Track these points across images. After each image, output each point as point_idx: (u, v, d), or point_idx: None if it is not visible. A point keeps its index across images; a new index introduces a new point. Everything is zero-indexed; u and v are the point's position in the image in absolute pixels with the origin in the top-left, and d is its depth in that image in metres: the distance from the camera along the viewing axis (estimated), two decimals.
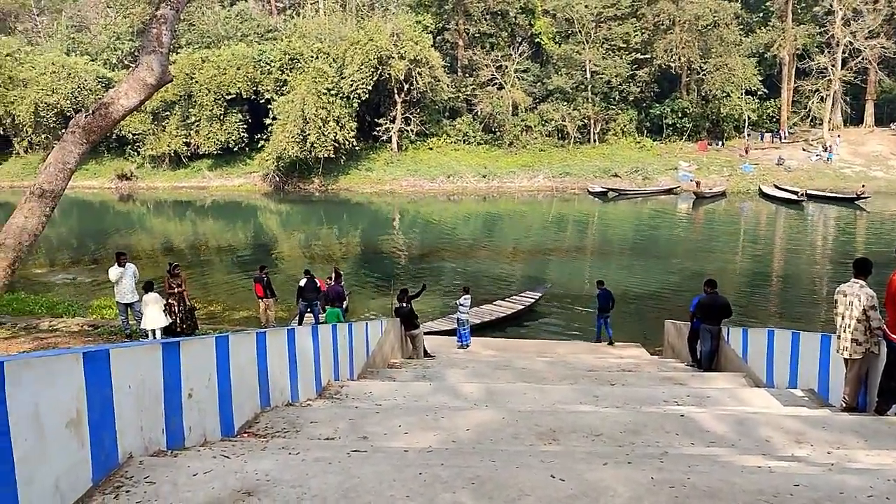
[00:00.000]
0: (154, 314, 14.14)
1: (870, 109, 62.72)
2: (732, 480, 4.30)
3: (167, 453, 4.90)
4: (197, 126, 60.19)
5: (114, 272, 14.68)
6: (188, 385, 5.38)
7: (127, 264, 14.78)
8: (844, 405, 7.84)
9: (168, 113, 61.52)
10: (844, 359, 7.80)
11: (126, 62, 68.85)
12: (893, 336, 7.15)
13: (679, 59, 59.15)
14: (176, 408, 5.19)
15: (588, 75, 59.41)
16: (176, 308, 14.92)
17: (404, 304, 16.09)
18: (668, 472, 4.47)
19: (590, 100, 59.84)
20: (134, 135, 62.62)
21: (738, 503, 3.99)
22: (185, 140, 61.07)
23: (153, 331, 14.12)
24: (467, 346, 17.86)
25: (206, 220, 49.09)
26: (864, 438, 6.38)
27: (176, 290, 15.03)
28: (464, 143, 61.73)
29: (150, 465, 4.39)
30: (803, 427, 6.65)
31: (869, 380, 7.74)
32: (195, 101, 59.79)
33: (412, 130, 60.11)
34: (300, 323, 18.28)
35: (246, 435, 6.23)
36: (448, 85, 59.31)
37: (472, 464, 4.63)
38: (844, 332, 7.70)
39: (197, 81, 59.09)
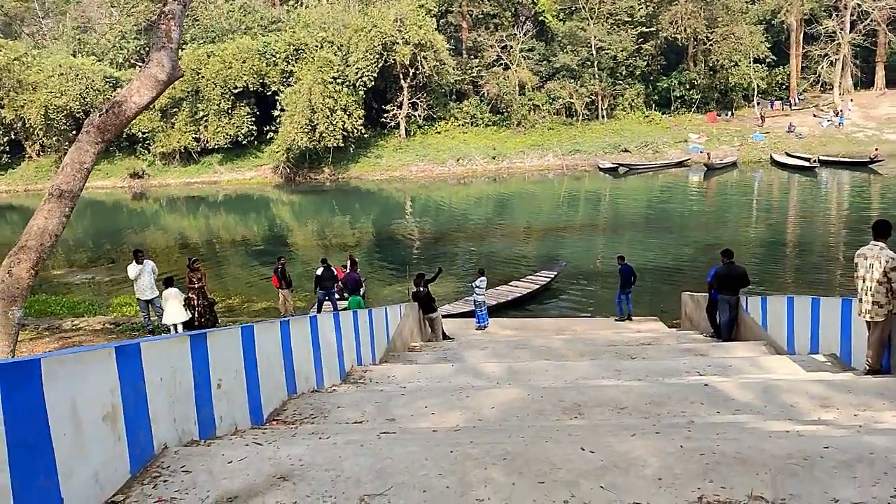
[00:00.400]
0: (174, 309, 14.33)
1: (880, 72, 61.94)
2: (761, 446, 4.31)
3: (200, 443, 4.97)
4: (205, 121, 60.17)
5: (132, 269, 14.87)
6: (217, 376, 5.45)
7: (145, 261, 14.97)
8: (868, 368, 7.82)
9: (176, 109, 61.49)
10: (866, 322, 7.78)
11: (132, 61, 69.22)
12: None
13: (685, 30, 58.56)
14: (206, 398, 5.26)
15: (594, 51, 58.98)
16: (196, 302, 15.05)
17: (421, 289, 16.21)
18: (697, 441, 4.48)
19: (596, 76, 59.43)
20: (144, 133, 62.73)
21: (768, 467, 4.00)
22: (194, 136, 61.14)
23: (174, 325, 14.23)
24: (485, 327, 17.92)
25: (219, 215, 49.27)
26: (889, 400, 6.36)
27: (196, 285, 15.17)
28: (472, 125, 61.51)
29: (185, 455, 4.45)
30: (828, 391, 6.65)
31: (892, 342, 7.71)
32: (203, 97, 59.72)
33: (419, 115, 59.97)
34: (319, 311, 18.34)
35: (275, 422, 6.31)
36: (453, 68, 59.05)
37: (501, 440, 4.64)
38: (866, 294, 7.67)
39: (203, 76, 59.04)
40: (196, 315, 14.98)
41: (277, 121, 57.23)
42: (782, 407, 6.32)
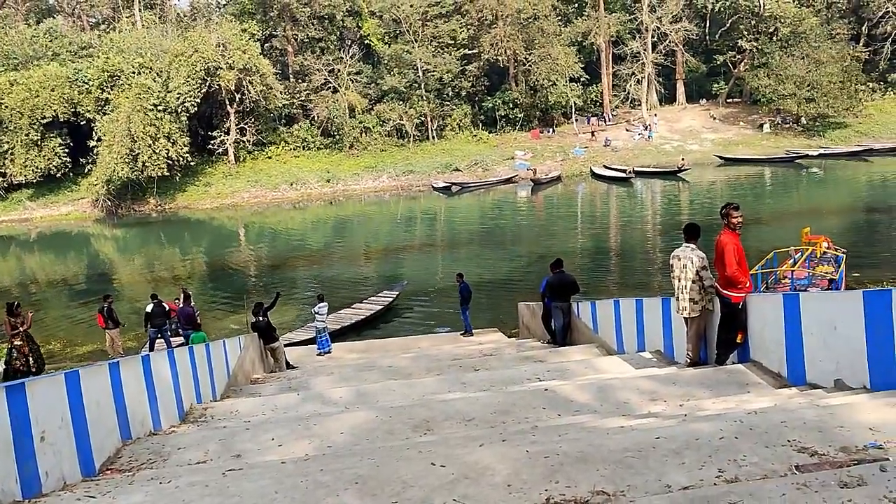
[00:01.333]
0: None
1: (681, 88, 67.58)
2: (600, 443, 4.54)
3: (24, 503, 4.60)
4: (11, 154, 55.53)
5: None
6: (39, 428, 5.07)
7: None
8: (689, 361, 8.43)
9: None
10: (684, 318, 8.39)
11: None
12: (724, 292, 7.79)
13: (505, 52, 61.02)
14: (28, 453, 4.87)
15: (420, 74, 60.11)
16: (27, 349, 13.75)
17: (261, 318, 15.82)
18: (541, 444, 4.65)
19: (424, 97, 60.56)
20: None
21: (607, 462, 4.22)
22: None
23: None
24: (329, 352, 17.71)
25: (33, 254, 45.59)
26: (709, 388, 6.91)
27: (21, 330, 13.80)
28: (304, 148, 60.78)
29: None
30: (655, 386, 7.12)
31: (707, 334, 8.37)
32: (6, 128, 55.14)
33: (249, 140, 58.45)
34: (151, 350, 17.42)
35: (109, 472, 5.94)
36: (281, 92, 58.23)
37: (352, 465, 4.62)
38: (682, 293, 8.29)
39: (7, 106, 54.48)
40: (31, 361, 13.72)
41: (94, 151, 53.75)
42: (617, 404, 6.69)
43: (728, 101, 66.15)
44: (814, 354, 6.51)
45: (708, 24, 67.10)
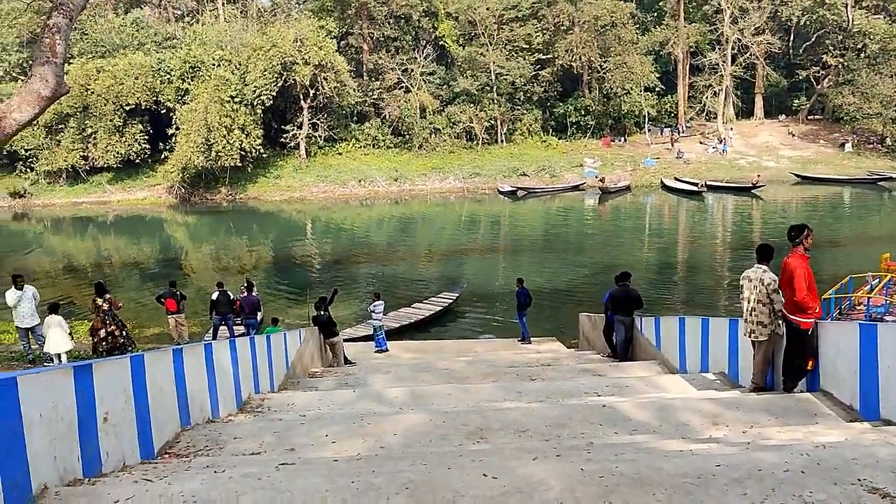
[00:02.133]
0: (57, 337, 13.48)
1: (759, 103, 65.87)
2: (658, 466, 4.43)
3: (84, 482, 4.68)
4: (95, 139, 57.75)
5: (11, 295, 14.00)
6: (103, 408, 5.18)
7: (25, 286, 14.09)
8: (754, 385, 8.18)
9: (63, 126, 58.71)
10: (752, 341, 8.15)
11: (14, 74, 65.38)
12: (792, 317, 7.54)
13: (580, 58, 60.62)
14: (91, 433, 4.98)
15: (493, 77, 60.14)
16: (118, 331, 14.34)
17: (322, 312, 16.02)
18: (597, 463, 4.57)
19: (495, 101, 60.61)
20: (27, 150, 59.21)
21: (664, 487, 4.11)
22: (82, 154, 58.48)
23: (57, 355, 13.42)
24: (385, 350, 17.87)
25: (108, 236, 47.40)
26: (774, 416, 6.68)
27: (107, 310, 14.35)
28: (373, 147, 61.52)
29: (66, 496, 4.18)
30: (718, 409, 6.92)
31: (775, 360, 8.10)
32: (92, 113, 57.38)
33: (320, 136, 59.50)
34: (214, 337, 17.82)
35: (167, 456, 6.03)
36: (354, 89, 58.96)
37: (404, 468, 4.60)
38: (750, 315, 8.05)
39: (93, 92, 56.60)
40: (122, 336, 14.36)
41: (172, 139, 55.66)
42: (677, 426, 6.53)
43: (808, 117, 64.17)
44: (890, 389, 6.22)
45: (792, 38, 65.27)
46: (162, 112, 57.61)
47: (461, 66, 62.25)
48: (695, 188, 49.05)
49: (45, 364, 13.36)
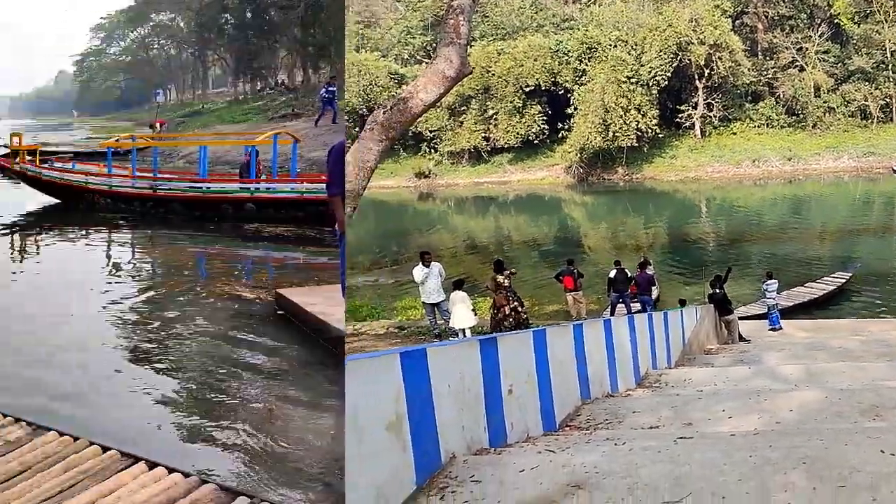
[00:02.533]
0: (462, 313, 15.42)
1: None
2: None
3: (490, 451, 5.45)
4: (495, 120, 66.17)
5: (418, 272, 16.10)
6: (507, 381, 5.99)
7: (432, 263, 16.16)
8: None
9: (465, 108, 67.64)
10: None
11: (418, 57, 74.82)
12: None
13: None
14: (496, 405, 5.78)
15: (888, 54, 63.66)
16: (520, 307, 16.29)
17: (717, 290, 18.43)
18: None
19: (891, 79, 63.85)
20: (431, 132, 68.03)
21: None
22: (483, 135, 67.12)
23: (462, 330, 15.37)
24: (779, 328, 20.09)
25: (508, 216, 55.08)
26: None
27: (510, 284, 16.47)
28: (767, 126, 66.63)
29: (474, 464, 4.88)
30: None
31: None
32: (493, 95, 65.88)
33: (714, 116, 66.24)
34: (612, 314, 19.41)
35: (568, 428, 6.96)
36: (749, 69, 63.56)
37: (800, 444, 4.93)
38: None
39: (494, 74, 64.74)
40: (524, 311, 16.39)
41: (570, 120, 63.34)
42: None
43: None
44: None
45: None
46: (560, 93, 64.85)
47: (856, 44, 66.02)
48: None
49: (451, 339, 15.11)
